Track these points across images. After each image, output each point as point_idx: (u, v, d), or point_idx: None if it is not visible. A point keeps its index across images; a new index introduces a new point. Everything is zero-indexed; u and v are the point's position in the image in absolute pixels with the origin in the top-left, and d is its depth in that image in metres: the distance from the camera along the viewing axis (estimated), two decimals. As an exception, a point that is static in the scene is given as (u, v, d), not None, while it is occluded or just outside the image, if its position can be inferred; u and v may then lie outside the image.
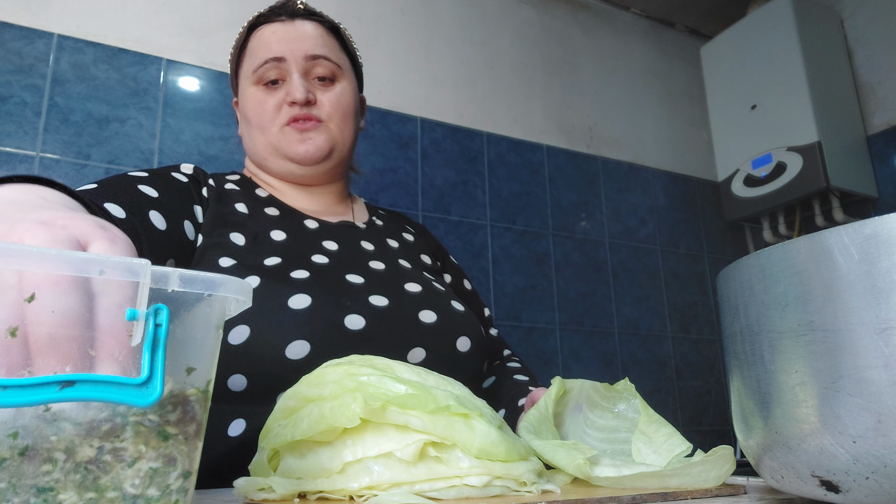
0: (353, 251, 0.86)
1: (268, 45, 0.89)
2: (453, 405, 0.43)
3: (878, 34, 2.08)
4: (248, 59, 0.92)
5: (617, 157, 2.10)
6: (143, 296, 0.29)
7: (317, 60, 0.90)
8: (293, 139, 0.88)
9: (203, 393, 0.33)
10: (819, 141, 1.89)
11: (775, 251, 0.38)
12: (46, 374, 0.27)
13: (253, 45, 0.92)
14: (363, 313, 0.74)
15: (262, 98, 0.89)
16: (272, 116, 0.88)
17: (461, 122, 1.84)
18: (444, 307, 0.81)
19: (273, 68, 0.88)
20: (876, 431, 0.32)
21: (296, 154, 0.88)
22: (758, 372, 0.39)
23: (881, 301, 0.32)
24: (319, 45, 0.91)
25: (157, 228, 0.71)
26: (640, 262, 2.03)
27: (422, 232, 1.06)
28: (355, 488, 0.42)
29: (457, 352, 0.79)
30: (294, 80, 0.88)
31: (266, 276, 0.73)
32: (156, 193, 0.75)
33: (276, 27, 0.91)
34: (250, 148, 0.93)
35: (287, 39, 0.89)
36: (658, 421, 0.59)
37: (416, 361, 0.76)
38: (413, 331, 0.76)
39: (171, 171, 0.83)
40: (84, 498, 0.28)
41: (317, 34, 0.92)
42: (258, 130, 0.89)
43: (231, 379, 0.68)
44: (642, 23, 2.33)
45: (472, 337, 0.81)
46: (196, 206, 0.80)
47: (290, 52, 0.88)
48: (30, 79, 1.32)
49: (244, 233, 0.80)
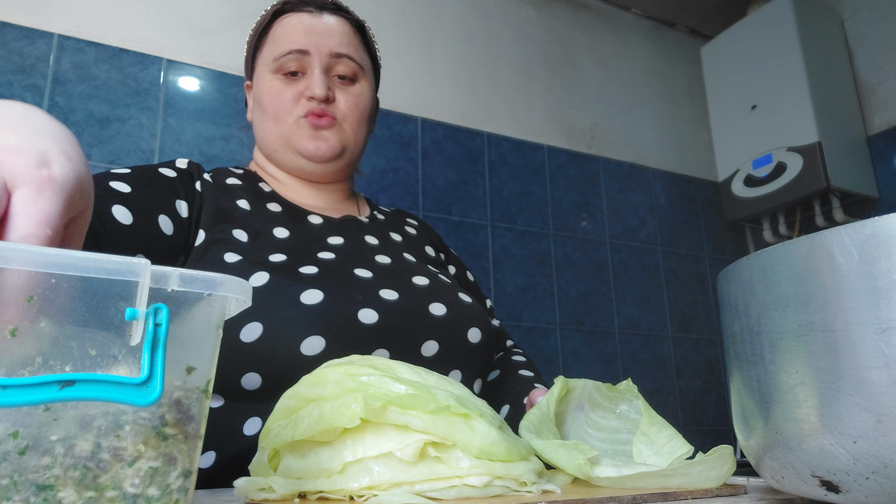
0: (358, 245, 0.86)
1: (293, 36, 0.88)
2: (453, 405, 0.43)
3: (878, 34, 2.08)
4: (270, 45, 0.90)
5: (618, 157, 2.10)
6: (142, 295, 0.29)
7: (340, 59, 0.89)
8: (306, 134, 0.87)
9: (203, 392, 0.33)
10: (819, 141, 1.89)
11: (776, 251, 0.38)
12: (46, 374, 0.27)
13: (277, 31, 0.90)
14: (375, 307, 0.73)
15: (280, 88, 0.88)
16: (288, 108, 0.87)
17: (462, 122, 1.84)
18: (453, 299, 0.81)
19: (295, 60, 0.87)
20: (876, 431, 0.32)
21: (306, 150, 0.87)
22: (758, 372, 0.39)
23: (881, 301, 0.32)
24: (345, 43, 0.90)
25: (121, 223, 0.69)
26: (641, 262, 2.03)
27: (423, 225, 1.06)
28: (355, 488, 0.42)
29: (468, 343, 0.79)
30: (315, 75, 0.86)
31: (275, 272, 0.72)
32: (127, 189, 0.73)
33: (304, 18, 0.89)
34: (261, 136, 0.92)
35: (314, 33, 0.88)
36: (660, 423, 0.59)
37: (430, 354, 0.76)
38: (425, 323, 0.76)
39: (160, 167, 0.81)
40: (84, 497, 0.28)
41: (343, 32, 0.91)
42: (272, 120, 0.88)
43: (245, 377, 0.68)
44: (643, 23, 2.33)
45: (482, 328, 0.81)
46: (180, 200, 0.78)
47: (315, 45, 0.87)
48: (31, 79, 1.32)
49: (246, 229, 0.80)
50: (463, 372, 0.79)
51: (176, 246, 0.76)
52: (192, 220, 0.78)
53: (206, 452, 0.68)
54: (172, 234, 0.75)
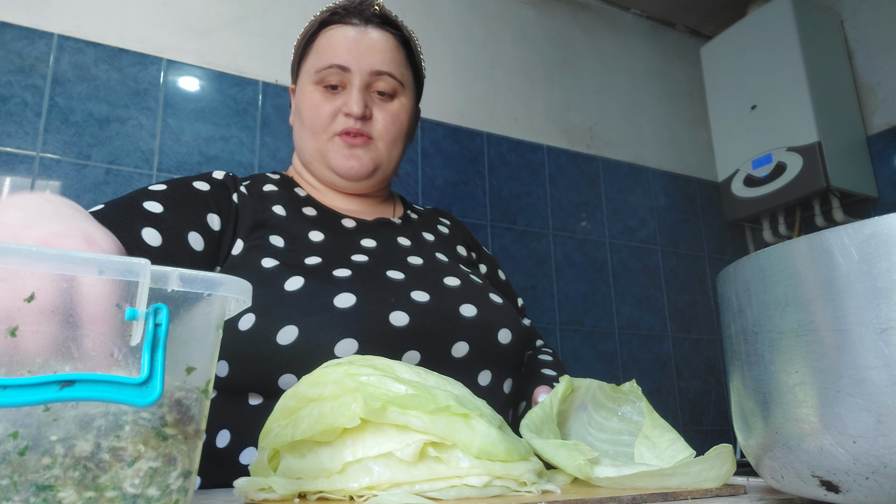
0: (391, 247, 0.87)
1: (335, 50, 0.89)
2: (453, 405, 0.43)
3: (878, 35, 2.08)
4: (314, 56, 0.91)
5: (617, 157, 2.10)
6: (142, 295, 0.29)
7: (380, 76, 0.89)
8: (340, 153, 0.88)
9: (203, 392, 0.33)
10: (819, 141, 1.89)
11: (775, 251, 0.38)
12: (46, 374, 0.27)
13: (321, 43, 0.91)
14: (407, 309, 0.74)
15: (319, 102, 0.89)
16: (325, 124, 0.89)
17: (462, 123, 1.84)
18: (484, 300, 0.82)
19: (336, 74, 0.88)
20: (876, 431, 0.32)
21: (339, 168, 0.89)
22: (758, 372, 0.39)
23: (881, 301, 0.32)
24: (387, 60, 0.90)
25: (150, 245, 0.72)
26: (641, 262, 2.03)
27: (456, 223, 1.07)
28: (355, 488, 0.42)
29: (499, 344, 0.80)
30: (354, 93, 0.87)
31: (309, 276, 0.74)
32: (160, 209, 0.75)
33: (348, 32, 0.90)
34: (299, 145, 0.94)
35: (356, 49, 0.89)
36: (662, 426, 0.59)
37: (460, 355, 0.77)
38: (455, 325, 0.77)
39: (195, 180, 0.83)
40: (84, 497, 0.28)
41: (386, 48, 0.91)
42: (309, 132, 0.90)
43: (282, 378, 0.70)
44: (643, 23, 2.33)
45: (513, 329, 0.82)
46: (212, 214, 0.80)
47: (356, 62, 0.88)
48: (30, 79, 1.32)
49: (282, 234, 0.81)
50: (493, 372, 0.80)
51: (206, 260, 0.78)
52: (227, 232, 0.81)
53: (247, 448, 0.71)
54: (202, 250, 0.77)
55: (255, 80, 1.55)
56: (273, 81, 1.57)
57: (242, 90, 1.53)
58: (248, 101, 1.53)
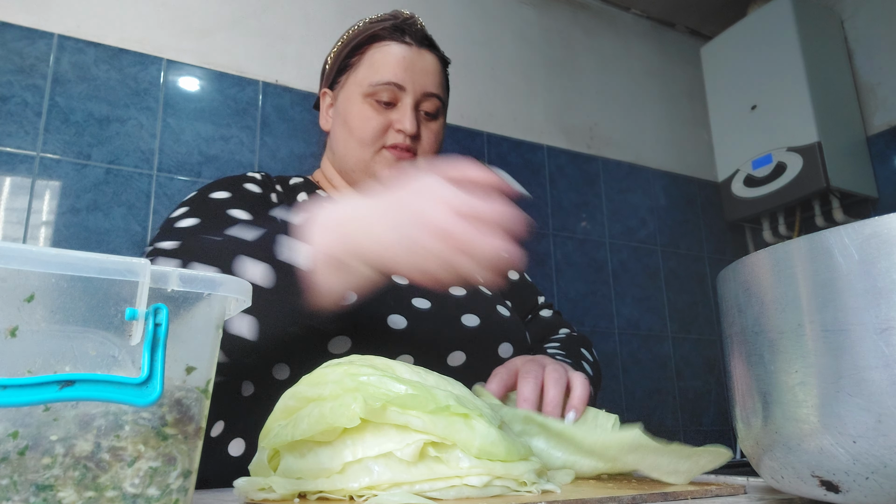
0: None
1: (392, 68, 0.91)
2: (453, 405, 0.43)
3: (878, 35, 2.08)
4: (367, 69, 0.93)
5: (617, 157, 2.10)
6: (142, 295, 0.29)
7: (430, 97, 0.94)
8: (387, 164, 0.91)
9: (203, 392, 0.33)
10: (819, 141, 1.89)
11: (775, 251, 0.38)
12: (46, 374, 0.27)
13: (376, 57, 0.93)
14: (405, 313, 0.75)
15: (371, 115, 0.91)
16: (376, 136, 0.91)
17: (461, 123, 1.84)
18: (489, 312, 0.82)
19: (390, 91, 0.91)
20: (876, 431, 0.32)
21: (385, 179, 0.90)
22: (758, 372, 0.39)
23: (881, 301, 0.32)
24: (437, 83, 0.95)
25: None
26: (641, 263, 2.03)
27: None
28: (355, 488, 0.42)
29: (498, 358, 0.80)
30: (408, 112, 0.91)
31: None
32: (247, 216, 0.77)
33: (405, 51, 0.93)
34: (341, 154, 0.95)
35: (413, 69, 0.92)
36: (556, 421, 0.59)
37: (456, 364, 0.77)
38: (454, 333, 0.77)
39: (244, 183, 0.85)
40: (84, 497, 0.28)
41: (436, 70, 0.96)
42: (357, 143, 0.92)
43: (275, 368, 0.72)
44: (643, 23, 2.33)
45: (515, 343, 0.82)
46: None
47: (412, 82, 0.91)
48: (30, 79, 1.32)
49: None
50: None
51: None
52: None
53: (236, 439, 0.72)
54: None
55: (255, 80, 1.55)
56: (273, 81, 1.57)
57: (242, 90, 1.53)
58: (249, 101, 1.53)
